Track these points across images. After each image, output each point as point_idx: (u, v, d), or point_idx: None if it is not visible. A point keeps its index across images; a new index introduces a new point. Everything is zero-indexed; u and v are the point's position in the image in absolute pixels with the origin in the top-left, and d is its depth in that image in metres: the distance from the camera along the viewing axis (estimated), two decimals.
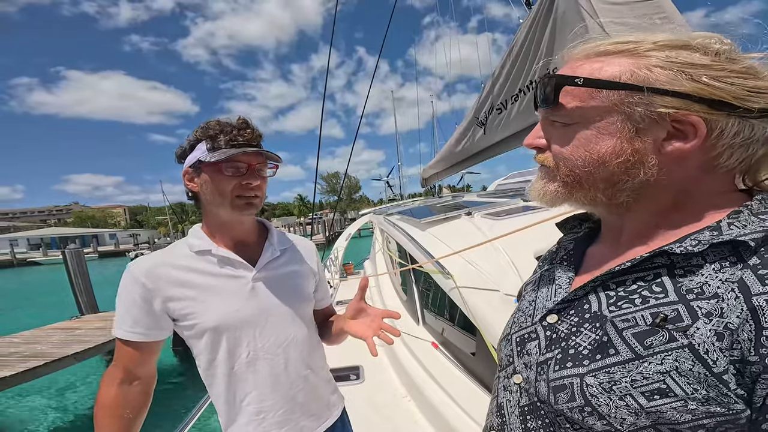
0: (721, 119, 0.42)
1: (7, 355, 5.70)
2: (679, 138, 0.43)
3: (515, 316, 0.63)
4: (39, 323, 7.63)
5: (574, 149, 0.48)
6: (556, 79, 0.48)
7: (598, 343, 0.45)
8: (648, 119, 0.43)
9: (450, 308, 2.18)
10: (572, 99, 0.47)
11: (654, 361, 0.40)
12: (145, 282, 0.93)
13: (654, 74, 0.43)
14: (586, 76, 0.46)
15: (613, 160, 0.46)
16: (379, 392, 2.34)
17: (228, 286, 0.99)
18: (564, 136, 0.49)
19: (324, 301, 1.25)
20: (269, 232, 1.12)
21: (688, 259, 0.43)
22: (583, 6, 1.81)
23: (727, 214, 0.44)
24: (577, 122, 0.48)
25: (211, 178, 0.96)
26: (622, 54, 0.46)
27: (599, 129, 0.46)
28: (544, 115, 0.52)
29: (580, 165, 0.48)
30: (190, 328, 0.96)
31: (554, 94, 0.48)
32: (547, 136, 0.53)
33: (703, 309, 0.39)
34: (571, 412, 0.44)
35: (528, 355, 0.54)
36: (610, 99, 0.45)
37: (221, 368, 0.98)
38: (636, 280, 0.46)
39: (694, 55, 0.43)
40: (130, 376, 0.96)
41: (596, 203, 0.51)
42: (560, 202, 0.52)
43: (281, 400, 1.02)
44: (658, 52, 0.44)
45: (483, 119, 3.19)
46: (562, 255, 0.62)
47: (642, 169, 0.45)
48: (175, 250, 1.02)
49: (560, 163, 0.50)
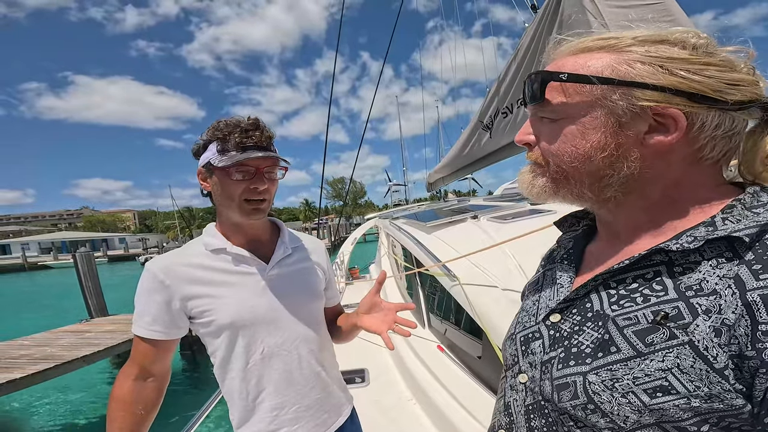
0: (702, 112, 0.43)
1: (18, 358, 5.78)
2: (661, 131, 0.44)
3: (519, 316, 0.63)
4: (49, 326, 7.72)
5: (561, 145, 0.49)
6: (542, 75, 0.49)
7: (599, 341, 0.45)
8: (630, 113, 0.44)
9: (456, 312, 2.17)
10: (558, 94, 0.48)
11: (655, 359, 0.40)
12: (164, 279, 0.95)
13: (634, 69, 0.44)
14: (569, 71, 0.47)
15: (598, 154, 0.46)
16: (384, 395, 2.33)
17: (243, 283, 1.01)
18: (551, 132, 0.50)
19: (334, 299, 1.26)
20: (281, 230, 1.14)
21: (686, 256, 0.43)
22: (589, 9, 1.81)
23: (720, 209, 0.44)
24: (563, 117, 0.48)
25: (220, 180, 0.97)
26: (603, 50, 0.47)
27: (584, 124, 0.47)
28: (533, 111, 0.53)
29: (567, 161, 0.49)
30: (207, 325, 0.98)
31: (540, 89, 0.49)
32: (536, 133, 0.53)
33: (702, 306, 0.39)
34: (575, 410, 0.45)
35: (532, 354, 0.54)
36: (593, 94, 0.46)
37: (236, 364, 0.99)
38: (636, 278, 0.46)
39: (672, 50, 0.44)
40: (145, 373, 0.97)
41: (583, 199, 0.51)
42: (546, 197, 0.53)
43: (295, 397, 1.03)
44: (638, 47, 0.45)
45: (489, 123, 3.19)
46: (562, 254, 0.63)
47: (625, 162, 0.46)
48: (191, 249, 1.03)
49: (549, 159, 0.51)
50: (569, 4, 1.98)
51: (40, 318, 12.00)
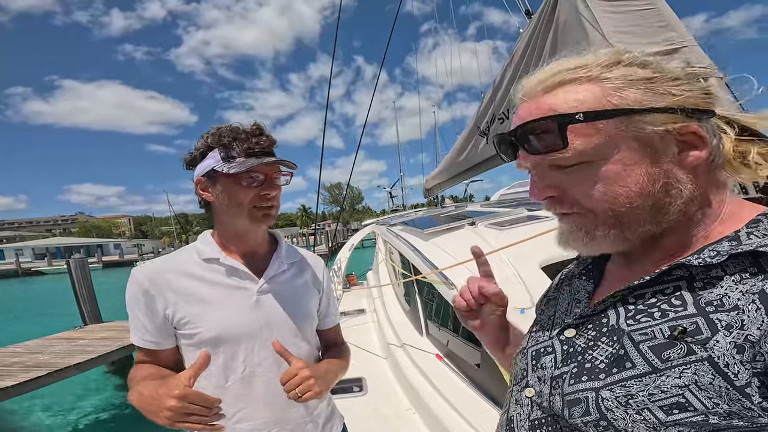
0: (703, 123, 0.45)
1: (10, 365, 5.68)
2: (691, 148, 0.44)
3: (532, 331, 0.62)
4: (42, 333, 7.62)
5: (608, 188, 0.45)
6: (557, 120, 0.45)
7: (614, 356, 0.44)
8: (658, 137, 0.44)
9: (454, 319, 2.16)
10: (575, 137, 0.45)
11: (672, 375, 0.39)
12: (148, 288, 0.92)
13: (628, 95, 0.44)
14: (567, 111, 0.45)
15: (654, 186, 0.44)
16: (383, 404, 2.30)
17: (231, 297, 0.97)
18: (584, 178, 0.46)
19: (328, 319, 1.19)
20: (278, 244, 1.10)
21: (707, 270, 0.42)
22: (584, 15, 1.82)
23: (745, 224, 0.43)
24: (593, 160, 0.45)
25: (227, 188, 0.94)
26: (577, 81, 0.46)
27: (622, 161, 0.44)
28: (540, 161, 0.49)
29: (624, 202, 0.45)
30: (189, 337, 0.94)
31: (562, 136, 0.44)
32: (555, 184, 0.49)
33: (723, 321, 0.38)
34: (586, 426, 0.44)
35: (542, 368, 0.53)
36: (614, 128, 0.44)
37: (213, 382, 0.94)
38: (655, 293, 0.45)
39: (639, 71, 0.45)
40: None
41: (645, 234, 0.47)
42: (618, 247, 0.49)
43: (274, 419, 0.98)
44: (608, 72, 0.45)
45: (485, 129, 3.20)
46: (581, 269, 0.62)
47: (680, 186, 0.45)
48: (182, 256, 1.00)
49: (593, 207, 0.47)
50: (564, 10, 1.99)
51: (32, 324, 11.86)
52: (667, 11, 1.74)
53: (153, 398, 0.78)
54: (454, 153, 4.11)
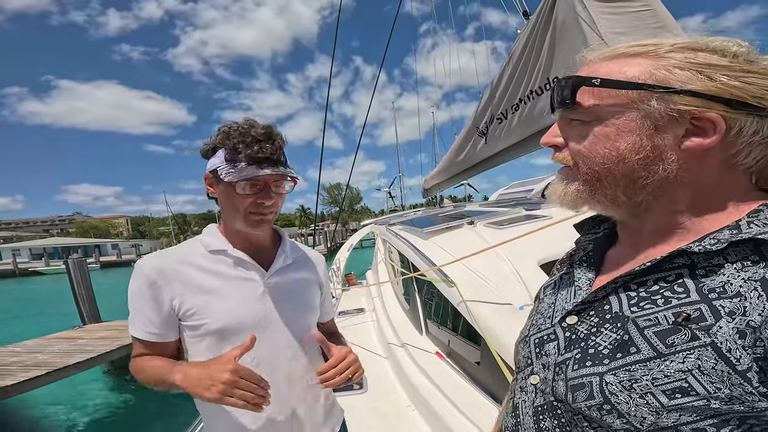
0: (740, 117, 0.43)
1: (9, 364, 5.67)
2: (699, 134, 0.44)
3: (533, 318, 0.63)
4: (41, 332, 7.60)
5: (593, 146, 0.49)
6: (573, 80, 0.49)
7: (618, 342, 0.45)
8: (667, 116, 0.44)
9: (453, 317, 2.17)
10: (590, 98, 0.48)
11: (676, 360, 0.40)
12: (156, 279, 0.92)
13: (673, 74, 0.44)
14: (604, 76, 0.48)
15: (633, 156, 0.46)
16: (383, 402, 2.32)
17: (238, 288, 0.98)
18: (582, 133, 0.50)
19: (327, 314, 1.24)
20: (282, 239, 1.12)
21: (709, 258, 0.44)
22: (582, 16, 1.84)
23: (746, 213, 0.44)
24: (595, 119, 0.49)
25: (226, 191, 0.95)
26: (640, 56, 0.47)
27: (618, 126, 0.47)
28: (561, 114, 0.53)
29: (600, 161, 0.48)
30: (195, 328, 0.94)
31: (572, 94, 0.49)
32: (564, 135, 0.54)
33: (726, 308, 0.39)
34: (590, 410, 0.44)
35: (546, 356, 0.54)
36: (629, 97, 0.46)
37: None
38: (657, 280, 0.47)
39: (712, 57, 0.44)
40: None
41: (617, 203, 0.51)
42: (582, 203, 0.53)
43: (281, 411, 0.99)
44: (677, 53, 0.45)
45: (484, 129, 3.21)
46: (581, 256, 0.62)
47: (662, 165, 0.46)
48: (188, 248, 1.01)
49: (579, 161, 0.51)
50: (562, 11, 2.01)
51: (31, 324, 11.82)
52: (664, 12, 1.76)
53: (204, 375, 0.82)
54: (452, 153, 4.12)
